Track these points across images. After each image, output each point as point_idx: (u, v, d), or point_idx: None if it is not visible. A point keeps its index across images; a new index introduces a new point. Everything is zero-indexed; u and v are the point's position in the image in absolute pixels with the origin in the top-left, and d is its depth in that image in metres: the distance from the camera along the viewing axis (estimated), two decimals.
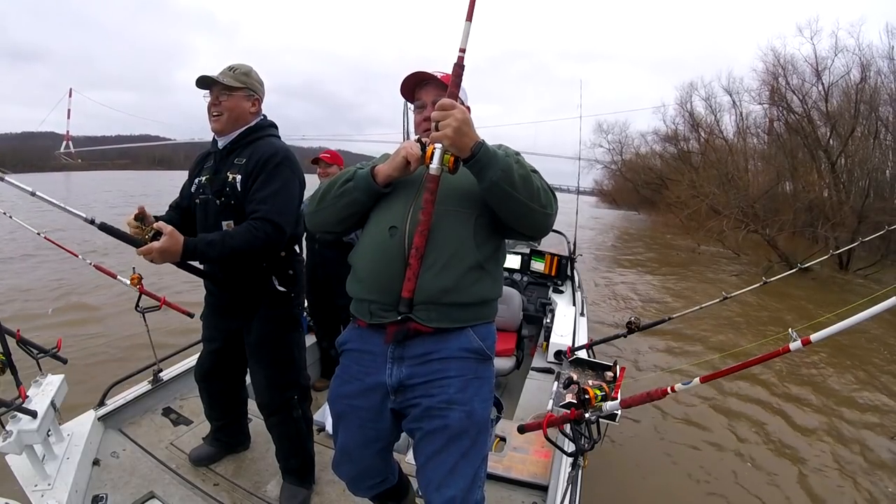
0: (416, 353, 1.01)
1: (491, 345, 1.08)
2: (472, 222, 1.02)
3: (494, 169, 0.92)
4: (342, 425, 1.11)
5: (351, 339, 1.11)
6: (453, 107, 0.91)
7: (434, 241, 0.97)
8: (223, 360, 1.64)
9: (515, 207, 0.97)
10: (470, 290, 1.00)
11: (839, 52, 11.92)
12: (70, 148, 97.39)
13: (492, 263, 1.05)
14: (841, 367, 4.22)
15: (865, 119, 11.42)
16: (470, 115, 1.00)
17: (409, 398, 1.02)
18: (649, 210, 23.57)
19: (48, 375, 1.51)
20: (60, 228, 6.51)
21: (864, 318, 0.99)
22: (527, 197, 0.95)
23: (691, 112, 18.87)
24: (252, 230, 1.32)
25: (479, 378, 1.03)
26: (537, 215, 0.99)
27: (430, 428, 1.00)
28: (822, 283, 8.19)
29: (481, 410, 1.02)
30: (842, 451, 2.88)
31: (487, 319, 1.08)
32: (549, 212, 1.01)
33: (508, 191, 0.94)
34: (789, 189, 12.52)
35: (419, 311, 0.98)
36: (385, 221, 1.03)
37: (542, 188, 0.99)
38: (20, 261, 6.99)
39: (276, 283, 1.48)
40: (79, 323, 4.62)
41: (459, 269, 0.98)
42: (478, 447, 1.02)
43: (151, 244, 1.21)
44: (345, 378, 1.10)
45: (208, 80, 1.42)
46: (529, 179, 0.96)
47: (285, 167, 1.43)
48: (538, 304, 3.31)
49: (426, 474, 1.00)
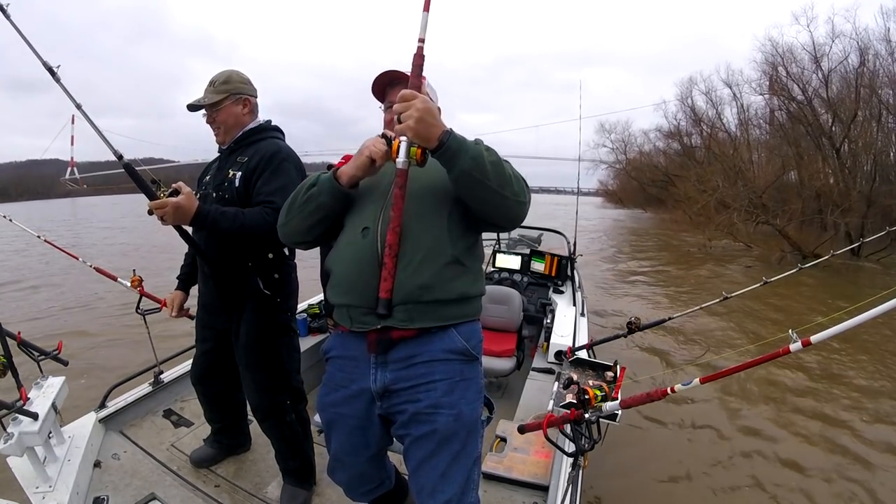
0: (400, 357, 0.99)
1: (476, 344, 1.05)
2: (446, 217, 1.00)
3: (464, 157, 0.89)
4: (332, 433, 1.10)
5: (334, 346, 1.09)
6: (414, 97, 0.88)
7: (408, 238, 0.95)
8: (217, 361, 1.64)
9: (488, 196, 0.94)
10: (450, 285, 0.98)
11: (836, 37, 11.96)
12: (75, 174, 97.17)
13: (469, 258, 1.03)
14: (851, 363, 4.19)
15: (866, 103, 11.42)
16: (435, 105, 0.97)
17: (395, 403, 1.00)
18: (656, 208, 23.56)
19: (49, 377, 1.51)
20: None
21: (865, 319, 0.99)
22: (498, 185, 0.93)
23: (692, 107, 18.93)
24: (265, 215, 1.34)
25: (465, 380, 1.01)
26: (510, 203, 0.96)
27: (418, 433, 0.98)
28: (834, 271, 8.14)
29: (469, 412, 1.00)
30: (845, 452, 2.87)
31: (471, 317, 1.05)
32: (523, 200, 0.98)
33: (479, 179, 0.91)
34: (794, 178, 12.54)
35: (399, 312, 0.96)
36: (358, 223, 1.01)
37: (514, 176, 0.97)
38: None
39: (261, 285, 1.47)
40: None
41: (437, 265, 0.96)
42: (468, 449, 1.00)
43: (167, 199, 1.22)
44: (331, 386, 1.09)
45: (194, 106, 1.48)
46: (501, 166, 0.93)
47: (290, 164, 1.46)
48: (538, 305, 3.31)
49: (418, 480, 0.99)
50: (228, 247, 1.42)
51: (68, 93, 1.24)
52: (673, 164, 20.57)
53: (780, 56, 13.25)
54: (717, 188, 11.67)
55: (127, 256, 9.47)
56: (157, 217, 1.25)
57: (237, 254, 1.44)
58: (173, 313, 1.69)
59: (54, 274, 7.67)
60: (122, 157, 1.29)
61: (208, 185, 1.51)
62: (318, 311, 2.87)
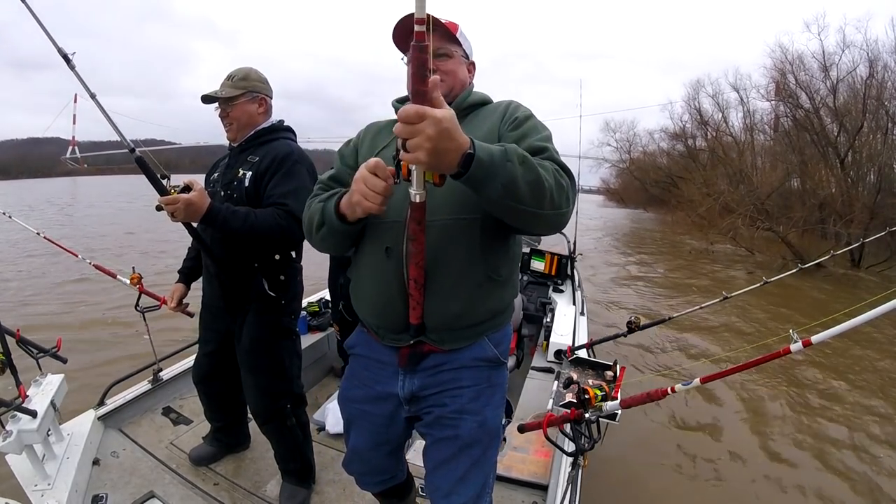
0: (429, 365, 0.97)
1: (505, 349, 1.03)
2: (477, 230, 0.88)
3: (493, 185, 0.71)
4: (353, 429, 1.09)
5: (359, 343, 1.07)
6: (422, 118, 0.63)
7: (435, 261, 0.85)
8: (219, 362, 1.63)
9: (524, 218, 0.78)
10: (483, 307, 0.93)
11: (847, 47, 11.94)
12: (76, 153, 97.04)
13: (504, 269, 0.95)
14: (850, 365, 4.20)
15: (873, 114, 11.42)
16: (470, 75, 0.89)
17: (422, 407, 1.00)
18: (657, 208, 23.58)
19: (48, 375, 1.51)
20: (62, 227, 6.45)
21: (866, 320, 0.99)
22: (536, 206, 0.76)
23: (699, 109, 18.93)
24: (276, 217, 1.33)
25: (492, 386, 1.00)
26: (549, 218, 0.80)
27: (440, 436, 0.97)
28: (834, 281, 8.18)
29: (493, 419, 0.99)
30: (847, 452, 2.88)
31: (503, 326, 1.02)
32: (564, 210, 0.81)
33: (513, 206, 0.74)
34: (796, 185, 12.56)
35: (431, 334, 0.93)
36: (379, 239, 0.93)
37: (557, 185, 0.78)
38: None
39: (266, 287, 1.46)
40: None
41: (468, 289, 0.90)
42: (489, 455, 1.00)
43: (179, 195, 1.21)
44: (354, 382, 1.08)
45: (209, 98, 1.45)
46: (539, 183, 0.75)
47: (302, 167, 1.44)
48: (538, 304, 3.31)
49: (434, 481, 0.99)
50: (236, 246, 1.41)
51: (83, 81, 1.22)
52: (677, 166, 20.58)
53: (790, 63, 13.26)
54: (723, 192, 11.66)
55: (122, 256, 9.46)
56: (168, 213, 1.23)
57: (244, 254, 1.43)
58: (172, 304, 1.67)
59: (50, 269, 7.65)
60: (134, 149, 1.27)
61: (217, 183, 1.49)
62: (317, 309, 2.87)
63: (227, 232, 1.31)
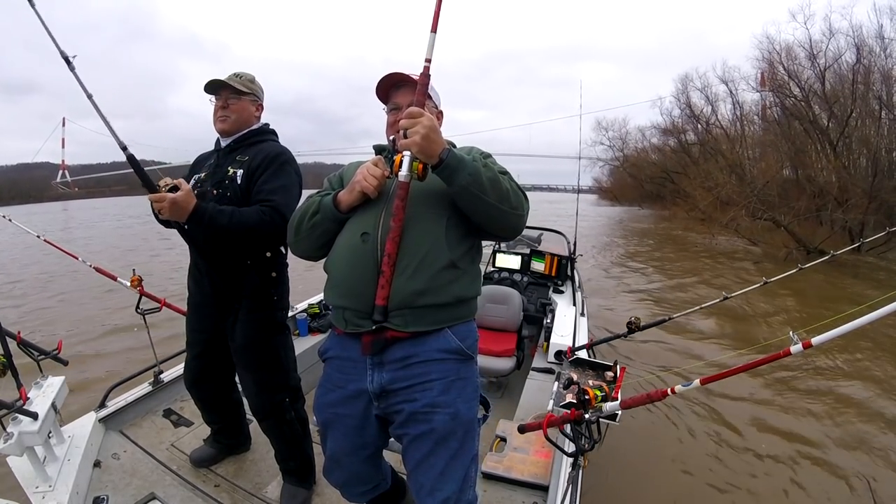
0: (396, 358, 1.01)
1: (471, 344, 1.07)
2: (444, 223, 1.02)
3: (462, 174, 0.94)
4: (329, 434, 1.12)
5: (331, 346, 1.12)
6: (421, 115, 0.93)
7: (406, 244, 0.98)
8: (208, 364, 1.63)
9: (486, 210, 0.98)
10: (445, 289, 1.00)
11: (833, 35, 12.10)
12: (66, 177, 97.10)
13: (466, 261, 1.05)
14: (853, 364, 4.19)
15: (862, 99, 11.48)
16: (439, 122, 1.02)
17: (392, 403, 1.02)
18: (653, 204, 23.60)
19: (49, 377, 1.51)
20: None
21: (866, 321, 0.99)
22: (496, 199, 0.97)
23: (688, 103, 19.01)
24: (262, 214, 1.35)
25: (461, 379, 1.03)
26: (508, 217, 1.01)
27: (416, 433, 1.00)
28: (836, 266, 8.17)
29: (466, 411, 1.02)
30: (849, 452, 2.87)
31: (465, 318, 1.07)
32: (521, 213, 1.03)
33: (477, 194, 0.96)
34: (789, 174, 12.60)
35: (394, 317, 0.98)
36: (357, 228, 1.04)
37: (512, 189, 1.00)
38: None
39: (258, 283, 1.48)
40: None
41: (432, 270, 0.98)
42: (466, 447, 1.02)
43: (166, 194, 1.24)
44: (328, 387, 1.11)
45: (219, 83, 1.47)
46: (498, 182, 0.97)
47: (290, 167, 1.49)
48: (538, 305, 3.31)
49: (417, 479, 1.01)
50: (225, 245, 1.42)
51: (81, 82, 1.27)
52: (670, 161, 20.61)
53: (778, 53, 13.36)
54: (723, 185, 11.66)
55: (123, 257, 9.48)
56: (155, 210, 1.27)
57: (236, 252, 1.44)
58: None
59: (51, 273, 7.67)
60: (126, 147, 1.31)
61: (206, 183, 1.49)
62: (318, 310, 2.87)
63: (213, 230, 1.33)
